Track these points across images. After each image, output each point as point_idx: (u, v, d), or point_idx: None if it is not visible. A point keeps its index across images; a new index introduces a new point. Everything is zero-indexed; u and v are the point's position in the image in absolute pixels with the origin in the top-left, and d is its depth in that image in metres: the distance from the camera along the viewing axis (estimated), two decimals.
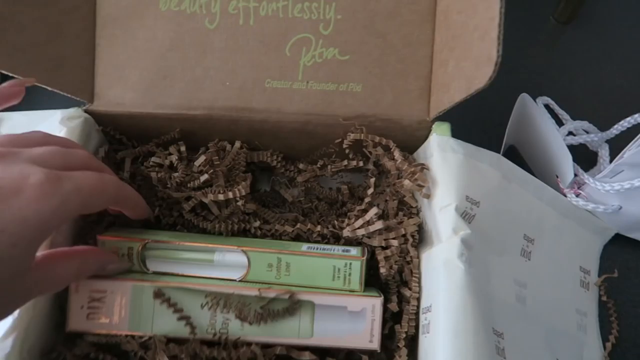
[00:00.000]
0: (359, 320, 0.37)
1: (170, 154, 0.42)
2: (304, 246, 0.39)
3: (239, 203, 0.40)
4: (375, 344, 0.37)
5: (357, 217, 0.40)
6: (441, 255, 0.37)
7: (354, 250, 0.39)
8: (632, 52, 0.60)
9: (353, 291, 0.38)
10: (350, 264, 0.38)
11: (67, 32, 0.41)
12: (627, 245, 0.49)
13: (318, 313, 0.37)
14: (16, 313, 0.33)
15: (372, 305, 0.38)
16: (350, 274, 0.38)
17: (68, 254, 0.33)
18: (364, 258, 0.38)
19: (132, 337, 0.36)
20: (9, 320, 0.33)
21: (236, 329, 0.36)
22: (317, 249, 0.39)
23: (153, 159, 0.42)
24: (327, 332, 0.37)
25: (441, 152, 0.41)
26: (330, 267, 0.37)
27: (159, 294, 0.36)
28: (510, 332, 0.38)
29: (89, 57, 0.43)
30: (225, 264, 0.37)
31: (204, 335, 0.36)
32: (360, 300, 0.38)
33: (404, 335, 0.38)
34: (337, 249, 0.39)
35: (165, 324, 0.36)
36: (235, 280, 0.37)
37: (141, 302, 0.36)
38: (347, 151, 0.44)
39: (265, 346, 0.36)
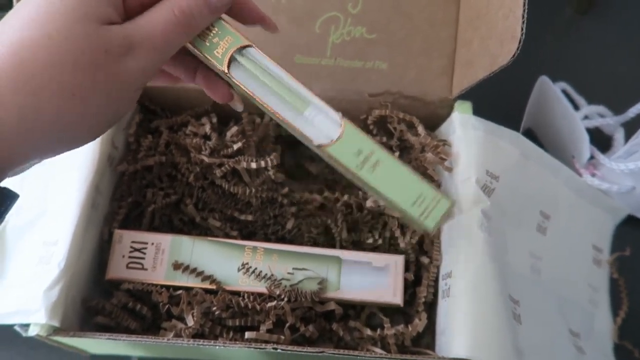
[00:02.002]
0: (383, 276, 0.40)
1: (203, 124, 0.44)
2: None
3: (270, 172, 0.42)
4: (398, 298, 0.39)
5: None
6: (462, 225, 0.39)
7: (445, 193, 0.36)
8: None
9: (425, 229, 0.34)
10: (439, 200, 0.33)
11: None
12: (639, 226, 0.50)
13: (345, 267, 0.39)
14: (62, 264, 0.35)
15: (395, 261, 0.40)
16: (433, 210, 0.33)
17: None
18: (453, 203, 0.34)
19: (167, 288, 0.38)
20: (54, 273, 0.35)
21: (265, 283, 0.39)
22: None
23: (189, 127, 0.44)
24: (353, 285, 0.39)
25: (463, 129, 0.42)
26: (417, 191, 0.33)
27: (177, 266, 0.38)
28: (526, 300, 0.40)
29: None
30: (313, 122, 0.32)
31: (235, 286, 0.39)
32: (383, 257, 0.40)
33: (423, 300, 0.39)
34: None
35: (199, 276, 0.39)
36: (312, 143, 0.32)
37: (179, 254, 0.39)
38: (371, 127, 0.46)
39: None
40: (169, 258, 0.39)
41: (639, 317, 0.47)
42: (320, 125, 0.32)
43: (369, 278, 0.39)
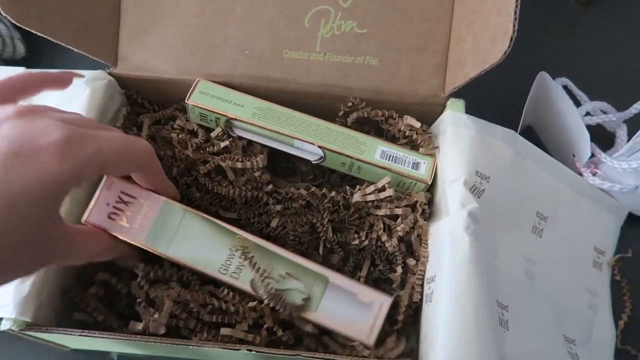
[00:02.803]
0: (364, 312, 0.37)
1: (189, 119, 0.44)
2: (378, 152, 0.41)
3: (256, 174, 0.41)
4: (371, 340, 0.36)
5: (369, 184, 0.41)
6: (448, 228, 0.38)
7: (423, 166, 0.42)
8: None
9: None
10: (415, 184, 0.42)
11: None
12: None
13: (329, 291, 0.37)
14: None
15: (381, 302, 0.37)
16: (413, 187, 0.42)
17: (101, 235, 0.35)
18: (429, 183, 0.41)
19: (147, 276, 0.37)
20: None
21: (247, 278, 0.36)
22: (389, 157, 0.41)
23: (177, 121, 0.43)
24: (332, 311, 0.36)
25: (454, 127, 0.41)
26: (396, 180, 0.42)
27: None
28: (516, 306, 0.38)
29: (114, 22, 0.44)
30: (304, 149, 0.42)
31: (214, 273, 0.36)
32: (372, 293, 0.37)
33: (407, 303, 0.38)
34: (409, 161, 0.42)
35: (181, 250, 0.36)
36: (311, 161, 0.43)
37: (166, 220, 0.36)
38: (349, 126, 0.45)
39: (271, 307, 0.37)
40: (154, 222, 0.36)
41: None
42: (309, 150, 0.42)
43: (349, 309, 0.37)
